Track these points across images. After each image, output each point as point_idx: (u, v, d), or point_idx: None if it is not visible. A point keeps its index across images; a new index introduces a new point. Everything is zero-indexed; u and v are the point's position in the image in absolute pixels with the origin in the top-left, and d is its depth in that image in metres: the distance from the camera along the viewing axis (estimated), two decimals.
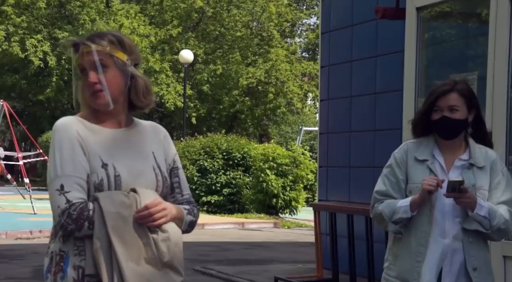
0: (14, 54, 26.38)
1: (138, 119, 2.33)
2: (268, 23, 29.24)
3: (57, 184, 2.09)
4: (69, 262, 2.11)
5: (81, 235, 2.09)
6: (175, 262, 2.14)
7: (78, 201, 2.08)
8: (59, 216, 2.07)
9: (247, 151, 16.72)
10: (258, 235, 12.72)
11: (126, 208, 2.09)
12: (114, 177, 2.14)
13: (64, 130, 2.14)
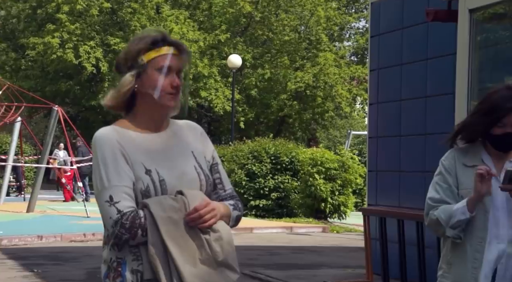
0: (68, 60, 26.97)
1: (173, 120, 2.31)
2: (317, 27, 29.16)
3: (106, 195, 2.12)
4: (127, 267, 2.14)
5: (135, 242, 2.11)
6: (230, 260, 2.16)
7: (129, 210, 2.10)
8: (112, 227, 2.10)
9: (295, 155, 16.70)
10: (306, 240, 12.69)
11: (176, 212, 2.11)
12: (159, 181, 2.16)
13: (105, 142, 2.16)
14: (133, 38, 2.28)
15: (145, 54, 2.19)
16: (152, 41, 2.20)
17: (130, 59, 2.20)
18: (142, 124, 2.22)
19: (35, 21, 30.35)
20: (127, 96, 2.21)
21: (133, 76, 2.19)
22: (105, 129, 2.21)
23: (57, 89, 29.30)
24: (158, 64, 2.19)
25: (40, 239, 11.22)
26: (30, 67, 30.43)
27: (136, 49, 2.20)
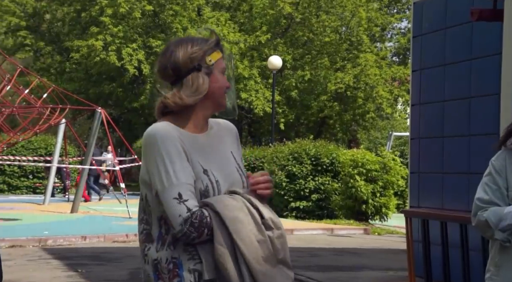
0: (111, 63, 27.36)
1: (212, 119, 2.32)
2: (358, 28, 28.97)
3: (174, 192, 2.08)
4: (183, 266, 2.12)
5: (199, 241, 2.10)
6: (287, 258, 2.17)
7: (196, 209, 2.09)
8: (181, 225, 2.07)
9: (335, 156, 16.61)
10: (347, 241, 12.61)
11: (239, 211, 2.11)
12: (215, 182, 2.17)
13: (168, 138, 2.13)
14: (186, 40, 2.28)
15: (210, 54, 2.23)
16: (216, 42, 2.27)
17: (196, 60, 2.21)
18: (189, 123, 2.23)
19: (79, 24, 30.89)
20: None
21: (206, 76, 2.21)
22: (163, 125, 2.17)
23: (100, 91, 29.75)
24: (220, 65, 2.24)
25: (83, 240, 11.39)
26: (74, 70, 30.99)
27: (202, 50, 2.22)
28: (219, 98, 2.23)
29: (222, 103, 2.25)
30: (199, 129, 2.24)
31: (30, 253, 9.95)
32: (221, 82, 2.23)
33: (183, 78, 2.20)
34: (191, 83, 2.19)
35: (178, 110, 2.22)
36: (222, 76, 2.24)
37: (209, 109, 2.25)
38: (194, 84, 2.19)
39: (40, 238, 11.07)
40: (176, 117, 2.22)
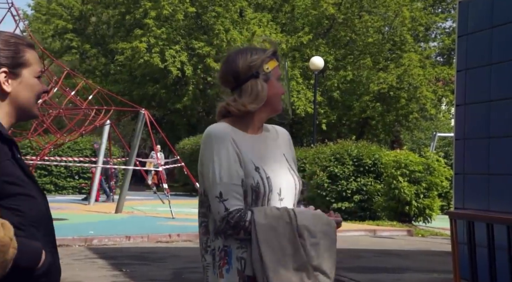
0: (155, 64, 27.68)
1: (266, 125, 2.50)
2: (401, 27, 28.69)
3: (217, 191, 2.26)
4: (233, 254, 2.28)
5: (239, 238, 2.27)
6: (324, 265, 2.28)
7: (235, 209, 2.24)
8: (219, 222, 2.26)
9: (378, 157, 16.48)
10: (390, 243, 12.50)
11: (276, 219, 2.25)
12: (266, 179, 2.31)
13: (221, 138, 2.30)
14: (247, 50, 2.46)
15: (268, 63, 2.41)
16: (273, 52, 2.44)
17: (255, 67, 2.39)
18: (248, 126, 2.40)
19: (124, 27, 31.35)
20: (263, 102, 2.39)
21: (264, 82, 2.39)
22: (220, 125, 2.37)
23: (144, 93, 30.12)
24: (277, 73, 2.43)
25: (128, 239, 11.54)
26: (118, 72, 31.45)
27: (260, 58, 2.40)
28: (275, 103, 2.41)
29: (277, 108, 2.43)
30: (255, 131, 2.42)
31: (76, 253, 10.13)
32: (277, 88, 2.41)
33: (242, 84, 2.39)
34: (250, 90, 2.37)
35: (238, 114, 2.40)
36: (278, 83, 2.42)
37: (266, 113, 2.42)
38: (254, 91, 2.37)
39: (86, 237, 11.26)
40: (234, 119, 2.40)
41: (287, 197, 2.37)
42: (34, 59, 1.96)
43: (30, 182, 1.79)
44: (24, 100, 1.92)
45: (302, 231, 2.26)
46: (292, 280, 2.22)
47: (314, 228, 2.29)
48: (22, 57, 1.92)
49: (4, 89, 1.89)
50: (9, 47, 1.91)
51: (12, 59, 1.90)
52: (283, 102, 2.46)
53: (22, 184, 1.75)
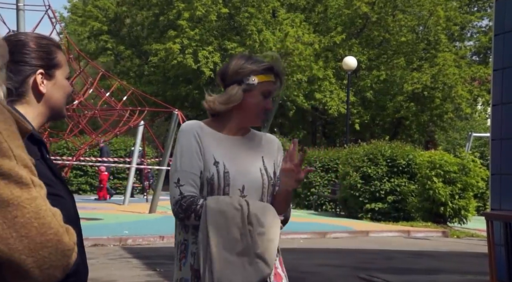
0: (188, 65, 27.86)
1: (256, 131, 2.63)
2: (436, 27, 28.38)
3: (175, 177, 2.42)
4: (189, 249, 2.43)
5: (190, 223, 2.40)
6: (267, 255, 2.35)
7: (189, 194, 2.38)
8: (173, 205, 2.40)
9: (412, 157, 16.34)
10: (424, 244, 12.38)
11: (227, 205, 2.35)
12: (223, 173, 2.43)
13: (186, 132, 2.47)
14: (244, 56, 2.56)
15: (257, 75, 2.48)
16: (267, 68, 2.50)
17: (241, 75, 2.48)
18: (224, 127, 2.54)
19: (158, 28, 31.62)
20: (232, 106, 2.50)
21: (242, 91, 2.48)
22: (190, 121, 2.54)
23: (177, 93, 30.33)
24: (264, 88, 2.49)
25: (161, 239, 11.63)
26: (152, 73, 31.74)
27: (250, 68, 2.48)
28: (252, 114, 2.50)
29: (254, 120, 2.53)
30: (231, 133, 2.54)
31: (111, 252, 10.25)
32: (257, 101, 2.48)
33: (227, 87, 2.52)
34: (226, 93, 2.50)
35: (219, 114, 2.54)
36: (262, 97, 2.48)
37: (243, 121, 2.53)
38: (227, 93, 2.49)
39: (121, 237, 11.38)
40: (215, 119, 2.55)
41: (252, 195, 2.44)
42: (64, 60, 1.99)
43: (58, 182, 1.81)
44: (57, 101, 1.95)
45: (252, 218, 2.35)
46: (233, 262, 2.30)
47: (263, 219, 2.36)
48: (55, 58, 1.94)
49: (41, 90, 1.91)
50: (42, 48, 1.93)
51: (46, 61, 1.92)
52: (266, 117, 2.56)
53: (51, 184, 1.75)
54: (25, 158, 1.21)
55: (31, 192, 1.19)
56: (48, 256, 1.18)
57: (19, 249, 1.16)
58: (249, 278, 2.30)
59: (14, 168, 1.18)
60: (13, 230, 1.16)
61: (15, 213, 1.17)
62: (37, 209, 1.19)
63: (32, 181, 1.20)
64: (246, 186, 2.44)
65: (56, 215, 1.22)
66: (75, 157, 19.88)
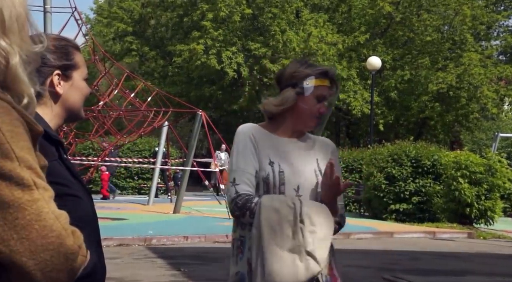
0: (211, 66, 27.92)
1: (310, 135, 2.73)
2: (461, 26, 28.12)
3: (231, 177, 2.52)
4: (246, 244, 2.52)
5: (245, 221, 2.50)
6: (317, 253, 2.38)
7: (244, 193, 2.47)
8: (229, 203, 2.50)
9: (437, 158, 16.21)
10: (450, 245, 12.28)
11: (280, 202, 2.42)
12: (278, 172, 2.52)
13: (242, 133, 2.58)
14: (300, 61, 2.67)
15: (311, 80, 2.57)
16: (321, 72, 2.58)
17: (296, 78, 2.57)
18: (279, 129, 2.63)
19: (182, 29, 31.75)
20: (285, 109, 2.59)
21: (296, 94, 2.57)
22: (247, 124, 2.65)
23: (201, 94, 30.42)
24: (318, 92, 2.57)
25: (186, 239, 11.68)
26: (176, 74, 31.88)
27: (305, 72, 2.57)
28: (306, 118, 2.59)
29: (307, 124, 2.61)
30: (286, 135, 2.63)
31: (136, 252, 10.32)
32: (310, 105, 2.57)
33: (281, 90, 2.60)
34: (281, 96, 2.59)
35: (275, 117, 2.63)
36: (316, 101, 2.57)
37: (297, 124, 2.62)
38: (281, 96, 2.58)
39: (145, 237, 11.45)
40: (270, 122, 2.65)
41: (307, 195, 2.52)
42: (82, 62, 1.98)
43: (76, 182, 1.81)
44: (74, 103, 1.94)
45: (304, 217, 2.40)
46: (284, 258, 2.35)
47: (316, 217, 2.41)
48: (72, 59, 1.94)
49: (57, 91, 1.90)
50: (60, 49, 1.92)
51: (63, 62, 1.92)
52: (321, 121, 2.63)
53: (69, 185, 1.77)
54: (29, 159, 1.21)
55: (33, 194, 1.18)
56: (50, 259, 1.18)
57: (20, 251, 1.16)
58: (299, 275, 2.35)
59: (16, 169, 1.17)
60: (13, 231, 1.16)
61: (16, 214, 1.16)
62: (38, 211, 1.18)
63: (35, 182, 1.20)
64: (301, 186, 2.53)
65: (59, 218, 1.21)
66: (100, 158, 20.06)
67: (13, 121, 1.20)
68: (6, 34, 1.28)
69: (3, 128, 1.18)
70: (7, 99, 1.23)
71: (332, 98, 2.64)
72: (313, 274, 2.35)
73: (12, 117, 1.20)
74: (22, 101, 1.30)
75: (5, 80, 1.28)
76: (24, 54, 1.31)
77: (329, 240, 2.42)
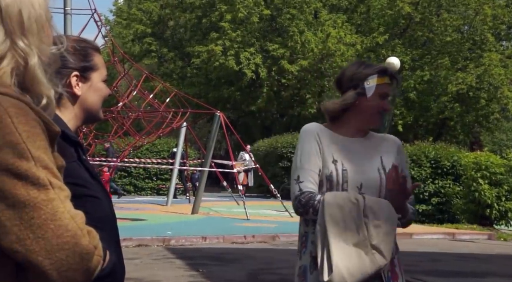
0: (230, 67, 27.96)
1: (375, 133, 2.77)
2: (482, 26, 27.88)
3: (295, 174, 2.57)
4: (309, 239, 2.58)
5: (308, 218, 2.55)
6: (382, 246, 2.42)
7: (308, 190, 2.52)
8: (293, 200, 2.55)
9: (457, 159, 16.10)
10: (470, 247, 12.17)
11: (343, 199, 2.47)
12: (342, 170, 2.55)
13: (307, 132, 2.63)
14: (357, 63, 2.71)
15: (372, 79, 2.62)
16: (380, 70, 2.64)
17: (357, 80, 2.62)
18: (342, 129, 2.67)
19: (200, 30, 31.84)
20: (345, 107, 2.64)
21: (357, 94, 2.61)
22: (311, 123, 2.70)
23: (219, 95, 30.47)
24: (380, 90, 2.62)
25: (204, 240, 11.69)
26: (195, 75, 31.97)
27: (365, 73, 2.62)
28: (370, 116, 2.63)
29: (372, 120, 2.65)
30: (350, 135, 2.67)
31: (154, 252, 10.35)
32: (373, 102, 2.61)
33: (344, 92, 2.65)
34: (343, 97, 2.64)
35: (337, 118, 2.67)
36: (379, 99, 2.61)
37: (361, 123, 2.66)
38: (342, 97, 2.64)
39: (164, 238, 11.48)
40: (333, 122, 2.68)
41: (369, 193, 2.53)
42: (101, 63, 1.97)
43: (95, 183, 1.82)
44: (93, 104, 1.94)
45: (367, 212, 2.43)
46: (350, 252, 2.39)
47: (379, 212, 2.44)
48: (91, 61, 1.94)
49: (75, 92, 1.90)
50: (79, 51, 1.92)
51: (82, 63, 1.91)
52: (384, 118, 2.69)
53: (88, 186, 1.77)
54: (45, 159, 1.21)
55: (49, 194, 1.19)
56: (65, 259, 1.18)
57: (35, 250, 1.17)
58: (365, 267, 2.39)
59: (31, 168, 1.18)
60: (29, 231, 1.17)
61: (32, 214, 1.17)
62: (53, 211, 1.19)
63: (50, 182, 1.20)
64: (364, 184, 2.55)
65: (75, 218, 1.21)
66: (119, 158, 20.16)
67: (30, 121, 1.21)
68: (25, 35, 1.29)
69: (20, 128, 1.19)
70: (25, 100, 1.24)
71: (393, 94, 2.69)
72: (379, 267, 2.40)
73: (29, 117, 1.21)
74: (41, 102, 1.31)
75: (24, 81, 1.29)
76: (44, 56, 1.32)
77: (393, 235, 2.46)
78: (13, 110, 1.19)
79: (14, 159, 1.18)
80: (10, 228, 1.17)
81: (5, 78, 1.26)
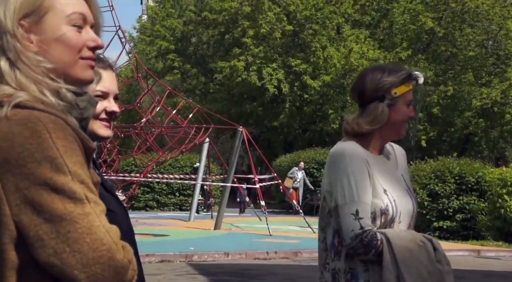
0: (252, 83, 28.04)
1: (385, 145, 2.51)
2: (506, 41, 27.68)
3: (353, 208, 2.24)
4: (360, 277, 2.28)
5: (366, 258, 2.27)
6: None
7: (369, 228, 2.24)
8: (352, 239, 2.23)
9: (482, 175, 15.90)
10: (496, 264, 11.99)
11: (409, 241, 2.26)
12: (393, 201, 2.32)
13: (356, 157, 2.29)
14: (378, 69, 2.43)
15: (397, 87, 2.36)
16: (405, 76, 2.38)
17: (382, 90, 2.35)
18: (370, 146, 2.39)
19: (223, 46, 32.03)
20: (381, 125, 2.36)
21: (388, 107, 2.35)
22: (351, 144, 2.34)
23: (242, 110, 30.53)
24: (406, 98, 2.38)
25: (226, 256, 11.68)
26: (217, 90, 32.11)
27: (389, 82, 2.35)
28: (399, 128, 2.38)
29: (400, 132, 2.40)
30: (377, 152, 2.41)
31: (177, 268, 10.36)
32: (403, 113, 2.37)
33: (366, 104, 2.37)
34: (370, 112, 2.35)
35: (360, 134, 2.38)
36: (406, 108, 2.37)
37: (389, 137, 2.41)
38: (373, 114, 2.35)
39: (187, 253, 11.48)
40: (360, 138, 2.38)
41: (404, 221, 2.36)
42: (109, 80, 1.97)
43: (110, 196, 1.82)
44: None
45: (440, 257, 2.29)
46: None
47: (445, 255, 2.32)
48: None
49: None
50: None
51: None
52: (411, 127, 2.48)
53: (102, 199, 1.79)
54: (82, 174, 1.24)
55: (85, 208, 1.21)
56: (101, 272, 1.19)
57: (72, 264, 1.19)
58: None
59: (68, 183, 1.21)
60: (66, 244, 1.19)
61: (68, 227, 1.19)
62: (89, 225, 1.20)
63: (87, 197, 1.23)
64: (402, 212, 2.34)
65: (110, 232, 1.23)
66: (142, 174, 20.26)
67: (67, 137, 1.24)
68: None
69: (58, 143, 1.22)
70: (63, 117, 1.27)
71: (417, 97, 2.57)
72: None
73: (67, 133, 1.24)
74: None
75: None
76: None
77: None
78: (51, 126, 1.23)
79: (52, 173, 1.20)
80: (47, 241, 1.19)
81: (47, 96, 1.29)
